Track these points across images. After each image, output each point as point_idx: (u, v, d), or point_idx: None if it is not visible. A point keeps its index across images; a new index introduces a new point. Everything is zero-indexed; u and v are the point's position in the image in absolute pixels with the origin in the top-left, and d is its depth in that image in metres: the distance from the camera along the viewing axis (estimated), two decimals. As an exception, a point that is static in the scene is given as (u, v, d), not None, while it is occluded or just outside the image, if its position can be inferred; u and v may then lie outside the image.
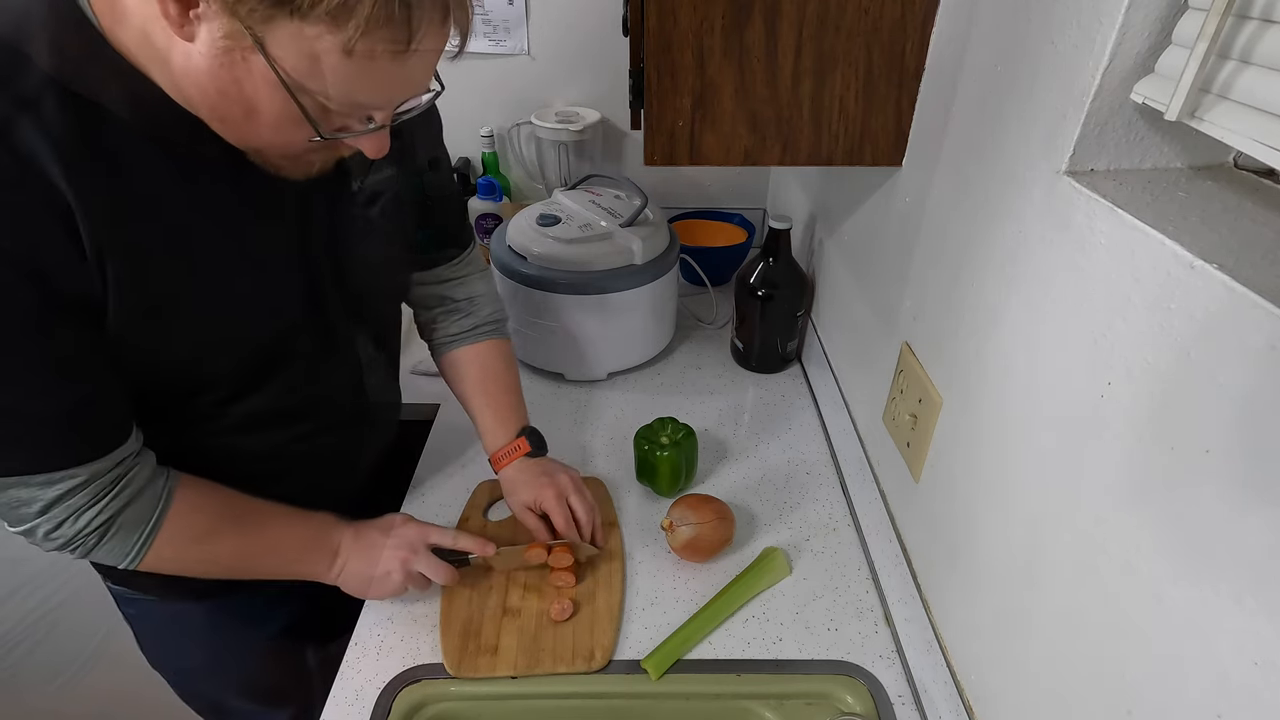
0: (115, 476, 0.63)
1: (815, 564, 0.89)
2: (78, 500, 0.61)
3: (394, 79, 0.53)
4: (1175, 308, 0.41)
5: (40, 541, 0.62)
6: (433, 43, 0.52)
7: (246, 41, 0.48)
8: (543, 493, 0.85)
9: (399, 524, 0.81)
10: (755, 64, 0.74)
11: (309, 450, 0.79)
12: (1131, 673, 0.45)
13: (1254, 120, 0.40)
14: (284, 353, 0.71)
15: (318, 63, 0.49)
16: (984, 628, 0.65)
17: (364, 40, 0.48)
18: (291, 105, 0.51)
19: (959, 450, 0.69)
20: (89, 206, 0.52)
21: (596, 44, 1.45)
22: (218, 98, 0.52)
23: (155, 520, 0.66)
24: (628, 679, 0.77)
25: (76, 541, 0.63)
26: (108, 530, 0.63)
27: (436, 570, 0.80)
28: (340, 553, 0.78)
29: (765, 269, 1.15)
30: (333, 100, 0.52)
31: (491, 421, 0.91)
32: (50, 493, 0.60)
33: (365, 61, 0.49)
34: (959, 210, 0.68)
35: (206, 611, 0.87)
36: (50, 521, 0.61)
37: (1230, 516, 0.38)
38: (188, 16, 0.48)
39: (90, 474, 0.61)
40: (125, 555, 0.66)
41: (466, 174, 1.56)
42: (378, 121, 0.57)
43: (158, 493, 0.66)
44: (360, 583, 0.79)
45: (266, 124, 0.54)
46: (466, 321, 0.93)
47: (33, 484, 0.59)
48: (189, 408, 0.68)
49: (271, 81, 0.50)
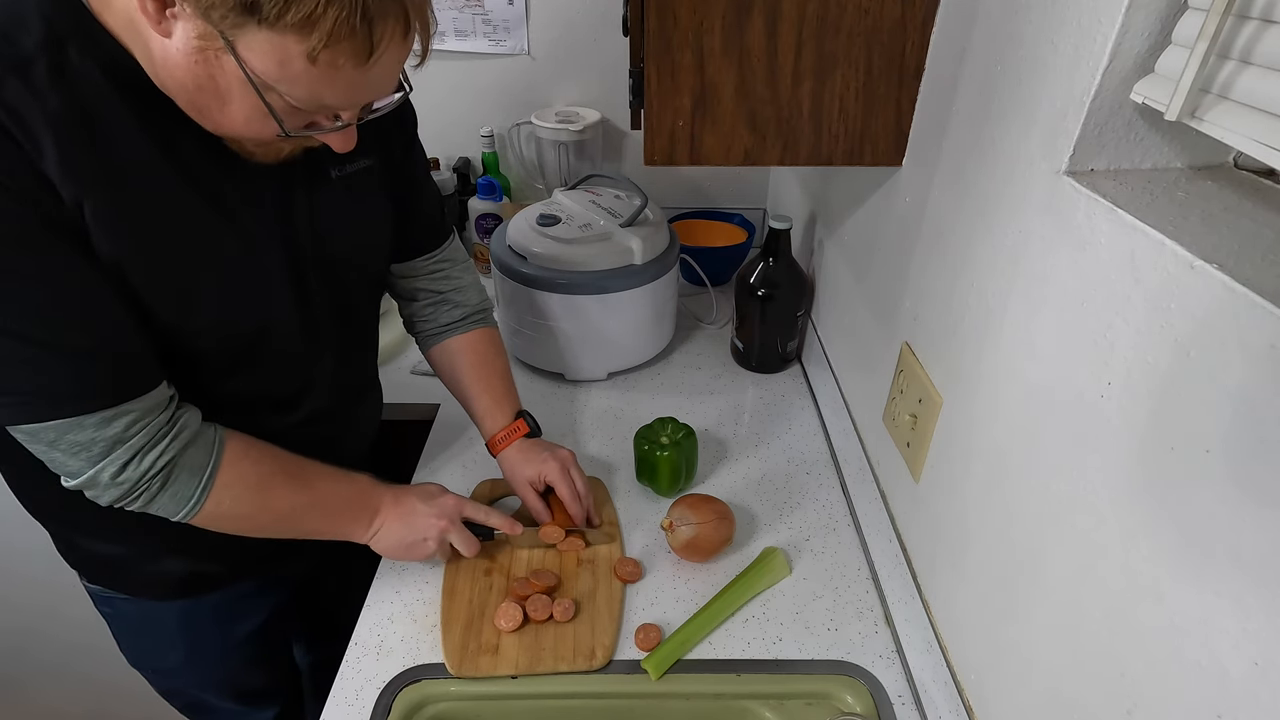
0: (169, 418, 0.64)
1: (815, 564, 0.89)
2: (137, 440, 0.62)
3: (357, 85, 0.56)
4: (1175, 308, 0.41)
5: (106, 487, 0.63)
6: (394, 54, 0.56)
7: (219, 43, 0.52)
8: (545, 466, 0.89)
9: (436, 493, 0.84)
10: (755, 64, 0.74)
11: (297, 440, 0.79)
12: (1131, 673, 0.45)
13: (1254, 120, 0.40)
14: (267, 329, 0.72)
15: (284, 67, 0.52)
16: (984, 627, 0.65)
17: (327, 51, 0.51)
18: (260, 102, 0.55)
19: (959, 450, 0.69)
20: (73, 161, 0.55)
21: (596, 44, 1.45)
22: (193, 90, 0.56)
23: (214, 465, 0.67)
24: (628, 679, 0.77)
25: (141, 486, 0.64)
26: (171, 473, 0.65)
27: (468, 543, 0.83)
28: (380, 514, 0.81)
29: (765, 269, 1.15)
30: (298, 100, 0.55)
31: (489, 406, 0.94)
32: (108, 432, 0.61)
33: (328, 69, 0.53)
34: (959, 210, 0.68)
35: (179, 611, 0.87)
36: (114, 463, 0.62)
37: (1230, 516, 0.38)
38: (164, 15, 0.51)
39: (142, 410, 0.62)
40: (188, 501, 0.67)
41: (466, 174, 1.56)
42: (344, 120, 0.60)
43: (211, 439, 0.68)
44: (394, 546, 0.81)
45: (239, 117, 0.57)
46: (456, 312, 0.95)
47: (88, 425, 0.60)
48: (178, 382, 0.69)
49: (241, 80, 0.53)
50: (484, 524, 0.85)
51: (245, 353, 0.72)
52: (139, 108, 0.58)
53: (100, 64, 0.56)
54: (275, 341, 0.73)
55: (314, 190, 0.72)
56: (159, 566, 0.82)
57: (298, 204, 0.71)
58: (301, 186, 0.71)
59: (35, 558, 1.39)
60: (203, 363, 0.69)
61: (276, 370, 0.76)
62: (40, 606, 1.54)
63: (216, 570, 0.86)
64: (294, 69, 0.52)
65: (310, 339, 0.77)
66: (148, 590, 0.85)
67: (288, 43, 0.51)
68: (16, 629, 1.60)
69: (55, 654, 1.63)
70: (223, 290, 0.67)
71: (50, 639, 1.61)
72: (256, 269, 0.69)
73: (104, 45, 0.56)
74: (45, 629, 1.59)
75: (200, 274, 0.65)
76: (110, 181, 0.57)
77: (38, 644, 1.63)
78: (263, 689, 1.03)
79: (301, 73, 0.52)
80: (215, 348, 0.69)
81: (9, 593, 1.55)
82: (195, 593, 0.86)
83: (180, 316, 0.65)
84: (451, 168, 1.57)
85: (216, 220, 0.65)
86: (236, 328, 0.70)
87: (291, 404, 0.79)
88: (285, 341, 0.74)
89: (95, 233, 0.57)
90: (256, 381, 0.74)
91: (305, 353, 0.77)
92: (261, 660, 0.99)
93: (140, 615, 0.88)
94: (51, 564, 0.85)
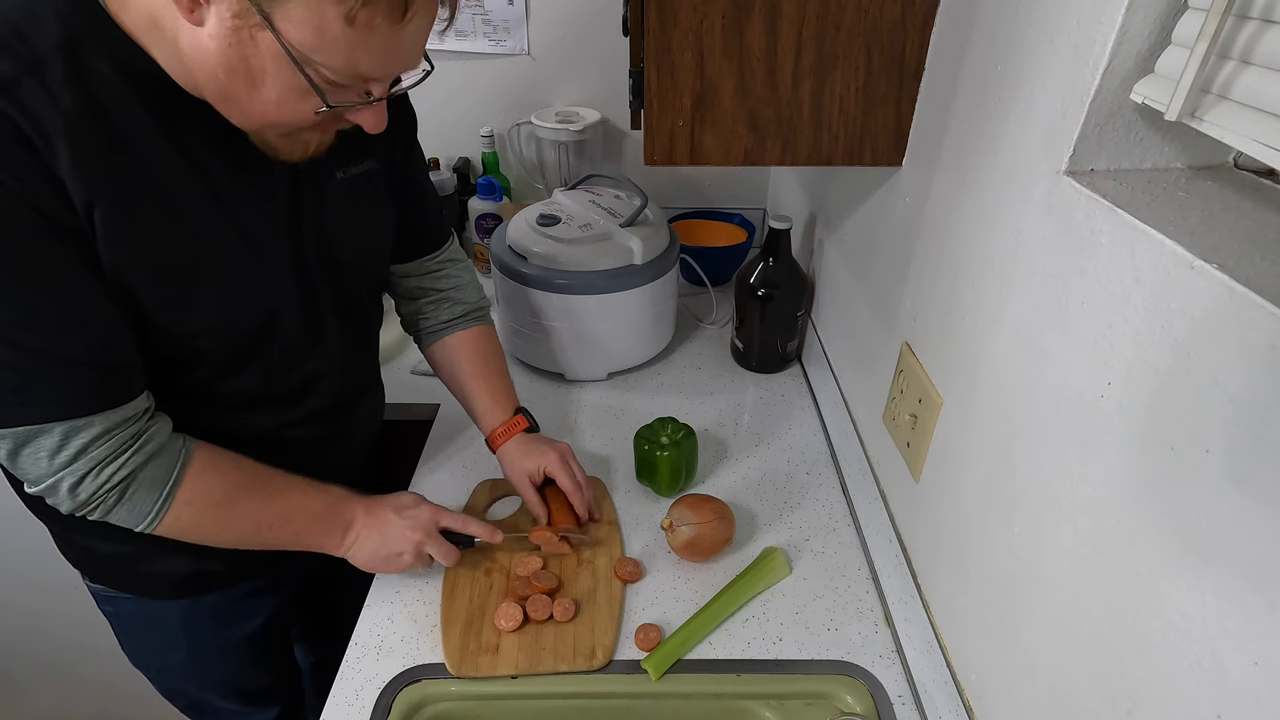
0: (135, 432, 0.64)
1: (815, 564, 0.89)
2: (100, 452, 0.62)
3: (391, 48, 0.57)
4: (1175, 308, 0.41)
5: (64, 498, 0.63)
6: (426, 14, 0.57)
7: (255, 19, 0.52)
8: (544, 458, 0.90)
9: (411, 504, 0.83)
10: (755, 64, 0.74)
11: (299, 439, 0.80)
12: (1131, 673, 0.45)
13: (1254, 120, 0.40)
14: (271, 329, 0.72)
15: (322, 34, 0.53)
16: (984, 628, 0.65)
17: (364, 10, 0.52)
18: (298, 78, 0.55)
19: (959, 450, 0.69)
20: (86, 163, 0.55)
21: (596, 44, 1.45)
22: (225, 77, 0.56)
23: (174, 480, 0.67)
24: (628, 679, 0.77)
25: (97, 499, 0.64)
26: (128, 487, 0.64)
27: (446, 554, 0.82)
28: (353, 527, 0.80)
29: (765, 269, 1.15)
30: (335, 71, 0.56)
31: (489, 402, 0.95)
32: (73, 443, 0.61)
33: (365, 31, 0.54)
34: (959, 210, 0.68)
35: (180, 610, 0.87)
36: (73, 475, 0.62)
37: (1230, 516, 0.37)
38: (198, 2, 0.52)
39: (110, 424, 0.62)
40: (145, 515, 0.67)
41: (466, 174, 1.56)
42: (375, 94, 0.61)
43: (176, 453, 0.67)
44: (370, 559, 0.81)
45: (271, 99, 0.57)
46: (455, 310, 0.96)
47: (54, 433, 0.60)
48: (181, 381, 0.69)
49: (278, 55, 0.54)
50: (462, 533, 0.84)
51: (248, 352, 0.72)
52: (153, 108, 0.59)
53: (116, 64, 0.56)
54: (278, 341, 0.74)
55: (321, 192, 0.73)
56: (160, 565, 0.82)
57: (305, 206, 0.72)
58: (309, 188, 0.72)
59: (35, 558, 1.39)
60: (205, 362, 0.69)
61: (279, 369, 0.76)
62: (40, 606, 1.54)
63: (218, 570, 0.86)
64: (332, 33, 0.53)
65: (313, 338, 0.77)
66: (149, 589, 0.85)
67: (325, 6, 0.52)
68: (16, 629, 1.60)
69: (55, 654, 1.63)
70: (228, 290, 0.67)
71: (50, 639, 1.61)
72: (262, 269, 0.70)
73: (120, 45, 0.56)
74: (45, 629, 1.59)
75: (207, 274, 0.65)
76: (122, 182, 0.57)
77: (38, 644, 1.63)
78: (264, 689, 1.03)
79: (339, 36, 0.53)
80: (218, 347, 0.69)
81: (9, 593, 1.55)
82: (197, 592, 0.86)
83: (184, 317, 0.65)
84: (451, 168, 1.57)
85: (225, 221, 0.65)
86: (240, 328, 0.70)
87: (293, 403, 0.79)
88: (288, 341, 0.75)
89: (103, 238, 0.57)
90: (258, 381, 0.74)
91: (307, 352, 0.78)
92: (262, 660, 0.99)
93: (142, 615, 0.88)
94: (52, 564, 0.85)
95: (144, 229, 0.60)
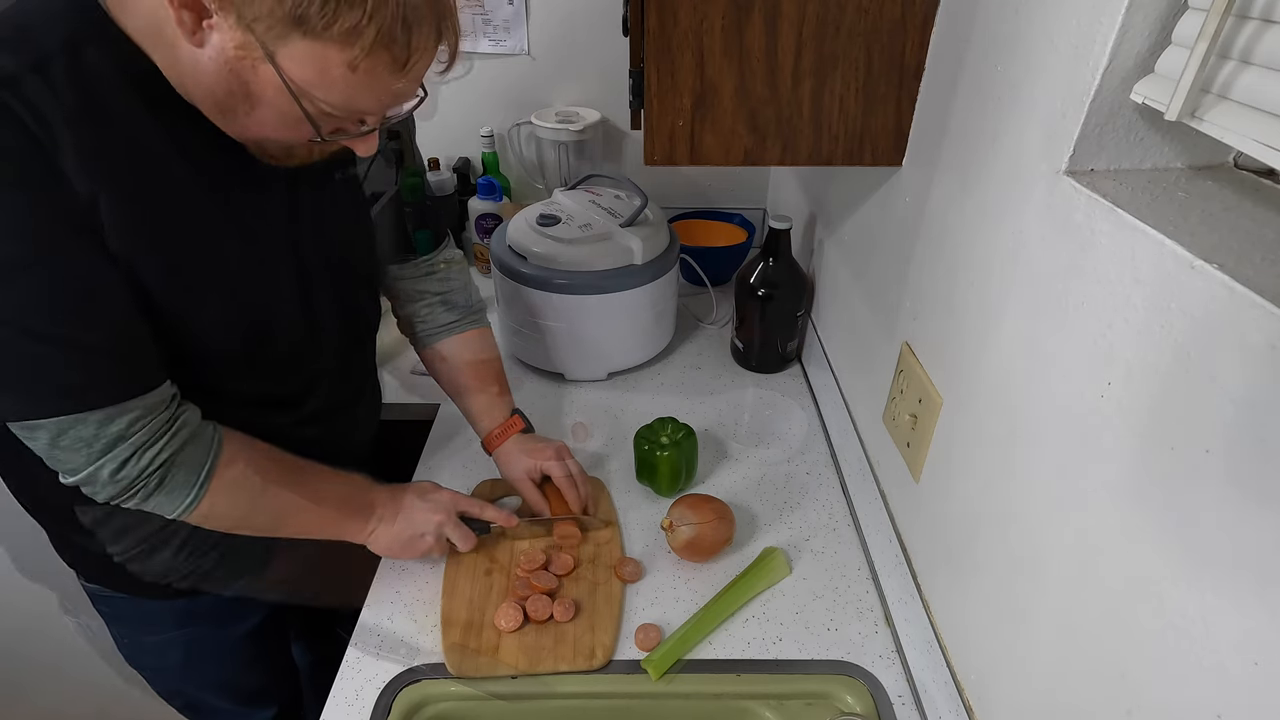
0: (170, 416, 0.65)
1: (815, 564, 0.89)
2: (138, 437, 0.62)
3: (389, 91, 0.59)
4: (1175, 308, 0.41)
5: (105, 484, 0.63)
6: (425, 60, 0.58)
7: (258, 53, 0.53)
8: (542, 455, 0.92)
9: (431, 489, 0.85)
10: (755, 64, 0.74)
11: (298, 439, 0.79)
12: (1131, 673, 0.45)
13: (1254, 120, 0.40)
14: (272, 329, 0.73)
15: (323, 75, 0.55)
16: (984, 628, 0.65)
17: (368, 60, 0.54)
18: (295, 108, 0.56)
19: (959, 450, 0.69)
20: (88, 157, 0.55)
21: (596, 44, 1.45)
22: (223, 96, 0.57)
23: (211, 463, 0.68)
24: (628, 679, 0.77)
25: (139, 484, 0.64)
26: (168, 471, 0.65)
27: (464, 538, 0.84)
28: (376, 512, 0.81)
29: (765, 269, 1.15)
30: (334, 106, 0.57)
31: (486, 404, 0.96)
32: (111, 429, 0.61)
33: (366, 77, 0.55)
34: (959, 210, 0.68)
35: (176, 611, 0.87)
36: (114, 460, 0.62)
37: (1230, 516, 0.37)
38: (201, 26, 0.53)
39: (144, 408, 0.63)
40: (184, 499, 0.67)
41: (466, 174, 1.56)
42: (369, 125, 0.63)
43: (209, 438, 0.68)
44: (392, 543, 0.82)
45: (268, 123, 0.59)
46: (452, 313, 0.97)
47: (91, 421, 0.60)
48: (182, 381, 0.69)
49: (278, 87, 0.55)
50: (480, 518, 0.86)
51: (250, 351, 0.72)
52: (153, 109, 0.59)
53: (117, 65, 0.57)
54: (280, 340, 0.74)
55: (319, 191, 0.73)
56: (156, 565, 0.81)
57: (304, 205, 0.72)
58: (307, 187, 0.72)
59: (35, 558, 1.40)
60: (208, 361, 0.69)
61: (280, 369, 0.76)
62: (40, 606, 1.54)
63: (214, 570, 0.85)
64: (332, 76, 0.55)
65: (313, 338, 0.78)
66: (145, 589, 0.85)
67: (329, 52, 0.53)
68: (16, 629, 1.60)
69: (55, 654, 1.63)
70: (231, 288, 0.68)
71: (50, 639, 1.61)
72: (263, 268, 0.70)
73: (121, 48, 0.57)
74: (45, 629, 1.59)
75: (209, 272, 0.65)
76: (124, 178, 0.58)
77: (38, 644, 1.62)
78: (262, 689, 1.02)
79: (339, 80, 0.55)
80: (221, 345, 0.69)
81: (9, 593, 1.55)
82: (192, 593, 0.86)
83: (188, 313, 0.65)
84: (451, 168, 1.57)
85: (226, 219, 0.66)
86: (242, 326, 0.70)
87: (293, 402, 0.79)
88: (289, 340, 0.75)
89: (109, 228, 0.58)
90: (260, 380, 0.75)
91: (308, 351, 0.78)
92: (260, 660, 0.99)
93: (139, 614, 0.88)
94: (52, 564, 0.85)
95: (148, 224, 0.60)
